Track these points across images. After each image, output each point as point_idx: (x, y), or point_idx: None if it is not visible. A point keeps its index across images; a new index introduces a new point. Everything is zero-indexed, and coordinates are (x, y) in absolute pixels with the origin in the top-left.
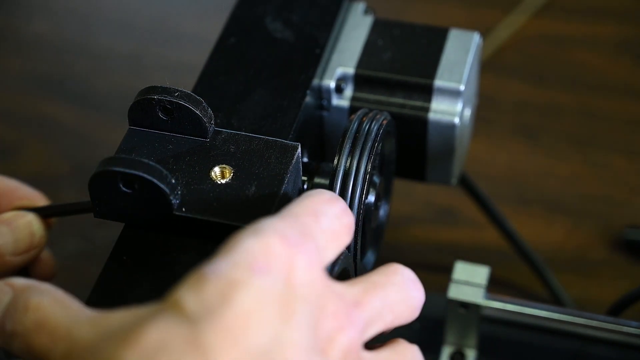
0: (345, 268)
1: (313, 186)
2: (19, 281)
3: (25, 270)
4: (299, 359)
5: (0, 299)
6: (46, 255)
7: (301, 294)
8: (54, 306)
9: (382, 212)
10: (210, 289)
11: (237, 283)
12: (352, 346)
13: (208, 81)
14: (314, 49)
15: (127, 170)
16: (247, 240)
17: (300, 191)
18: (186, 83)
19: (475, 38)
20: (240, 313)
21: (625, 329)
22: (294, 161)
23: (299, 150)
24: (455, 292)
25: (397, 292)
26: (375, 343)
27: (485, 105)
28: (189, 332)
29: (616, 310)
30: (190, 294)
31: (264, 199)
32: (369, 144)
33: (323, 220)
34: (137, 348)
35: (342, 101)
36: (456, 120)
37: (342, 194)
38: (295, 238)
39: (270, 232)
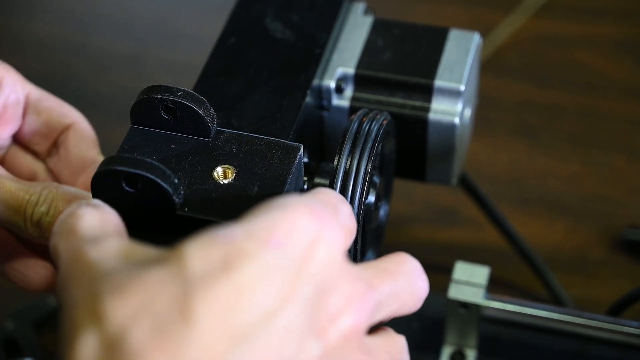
0: None
1: (313, 186)
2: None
3: None
4: (286, 340)
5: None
6: None
7: (312, 272)
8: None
9: (382, 212)
10: (217, 253)
11: (245, 253)
12: (357, 329)
13: (208, 81)
14: (314, 49)
15: (131, 170)
16: (272, 212)
17: (302, 191)
18: (186, 83)
19: (475, 38)
20: (237, 285)
21: (625, 329)
22: (296, 162)
23: (302, 150)
24: (456, 292)
25: (405, 281)
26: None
27: (486, 105)
28: (180, 294)
29: (616, 310)
30: (196, 253)
31: (267, 199)
32: (369, 144)
33: (340, 214)
34: (131, 297)
35: (342, 101)
36: (456, 120)
37: (343, 194)
38: (326, 216)
39: (300, 205)
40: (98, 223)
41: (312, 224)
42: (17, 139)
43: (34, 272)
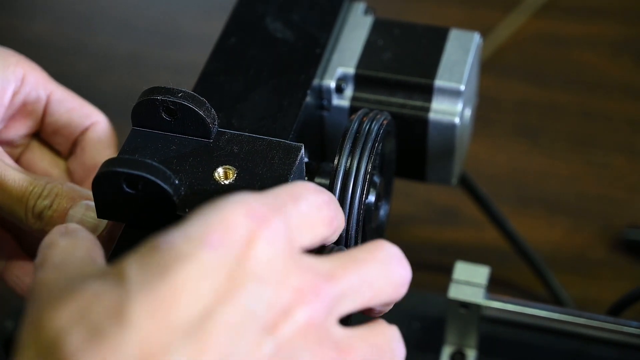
0: None
1: None
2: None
3: None
4: (226, 337)
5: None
6: None
7: (254, 270)
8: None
9: (382, 212)
10: (155, 260)
11: (182, 256)
12: (314, 322)
13: (208, 81)
14: (314, 48)
15: (131, 171)
16: (208, 213)
17: None
18: (186, 83)
19: (476, 38)
20: (173, 285)
21: (625, 329)
22: (297, 162)
23: (303, 151)
24: (456, 292)
25: (379, 269)
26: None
27: (486, 105)
28: (116, 299)
29: (616, 310)
30: (135, 262)
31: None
32: (369, 144)
33: (302, 204)
34: (67, 307)
35: (342, 101)
36: (456, 120)
37: (343, 194)
38: (263, 211)
39: (237, 204)
40: (69, 250)
41: (247, 223)
42: (40, 138)
43: (31, 278)
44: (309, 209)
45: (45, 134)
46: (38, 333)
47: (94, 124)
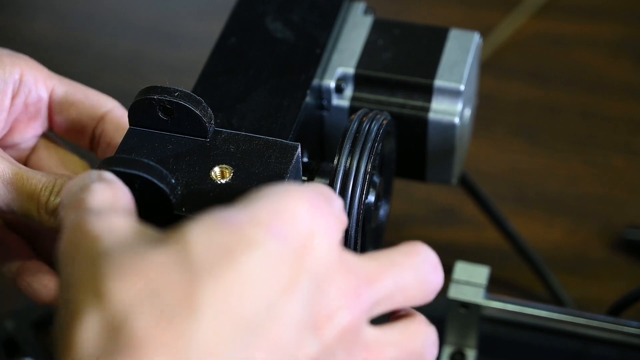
0: None
1: None
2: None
3: None
4: (286, 334)
5: (87, 177)
6: None
7: (311, 265)
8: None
9: (382, 212)
10: (221, 238)
11: (250, 241)
12: (353, 325)
13: (208, 81)
14: (314, 48)
15: (127, 170)
16: (275, 198)
17: None
18: (186, 83)
19: (475, 38)
20: (243, 275)
21: (625, 329)
22: (293, 161)
23: (299, 150)
24: (456, 292)
25: (414, 275)
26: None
27: (486, 105)
28: (187, 282)
29: (616, 310)
30: (201, 237)
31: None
32: (369, 144)
33: (335, 205)
34: (136, 282)
35: (342, 101)
36: (456, 120)
37: (342, 194)
38: (323, 209)
39: (300, 194)
40: (109, 198)
41: (311, 214)
42: (48, 138)
43: (43, 285)
44: (341, 208)
45: (59, 132)
46: (103, 305)
47: (107, 113)
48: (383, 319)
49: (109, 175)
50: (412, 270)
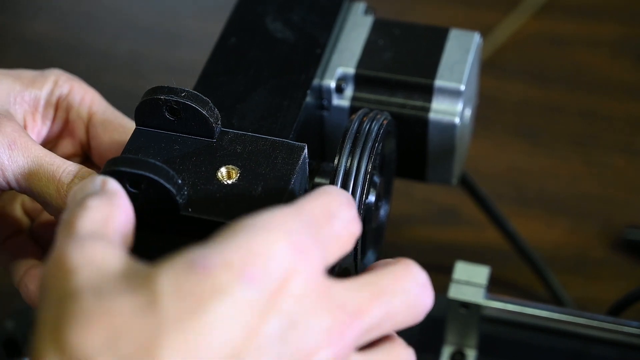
0: (347, 268)
1: (313, 186)
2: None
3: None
4: None
5: (90, 186)
6: None
7: (283, 306)
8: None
9: (382, 212)
10: (191, 286)
11: (219, 288)
12: (337, 358)
13: (208, 81)
14: (315, 48)
15: (134, 171)
16: (251, 237)
17: (305, 192)
18: (186, 83)
19: (476, 38)
20: (209, 324)
21: (625, 329)
22: (300, 162)
23: (306, 151)
24: (456, 292)
25: (403, 301)
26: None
27: (486, 105)
28: (149, 331)
29: (616, 310)
30: (170, 282)
31: (271, 200)
32: (370, 144)
33: (336, 224)
34: (97, 331)
35: (342, 101)
36: (457, 120)
37: None
38: (305, 244)
39: (281, 232)
40: (100, 220)
41: (289, 252)
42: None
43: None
44: (342, 227)
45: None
46: (63, 351)
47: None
48: None
49: (112, 185)
50: (402, 296)
